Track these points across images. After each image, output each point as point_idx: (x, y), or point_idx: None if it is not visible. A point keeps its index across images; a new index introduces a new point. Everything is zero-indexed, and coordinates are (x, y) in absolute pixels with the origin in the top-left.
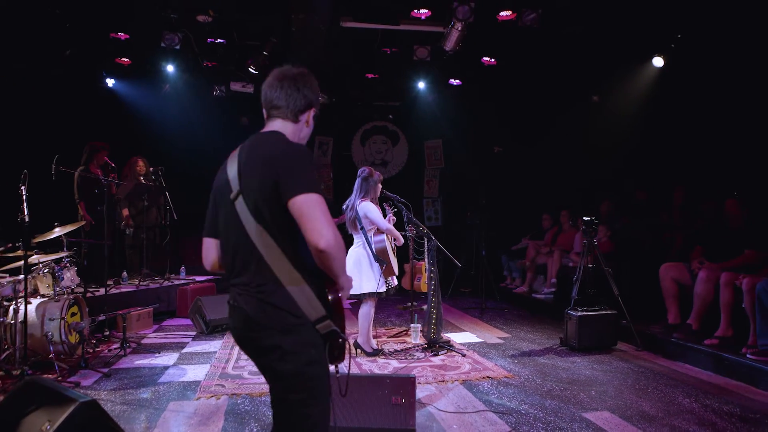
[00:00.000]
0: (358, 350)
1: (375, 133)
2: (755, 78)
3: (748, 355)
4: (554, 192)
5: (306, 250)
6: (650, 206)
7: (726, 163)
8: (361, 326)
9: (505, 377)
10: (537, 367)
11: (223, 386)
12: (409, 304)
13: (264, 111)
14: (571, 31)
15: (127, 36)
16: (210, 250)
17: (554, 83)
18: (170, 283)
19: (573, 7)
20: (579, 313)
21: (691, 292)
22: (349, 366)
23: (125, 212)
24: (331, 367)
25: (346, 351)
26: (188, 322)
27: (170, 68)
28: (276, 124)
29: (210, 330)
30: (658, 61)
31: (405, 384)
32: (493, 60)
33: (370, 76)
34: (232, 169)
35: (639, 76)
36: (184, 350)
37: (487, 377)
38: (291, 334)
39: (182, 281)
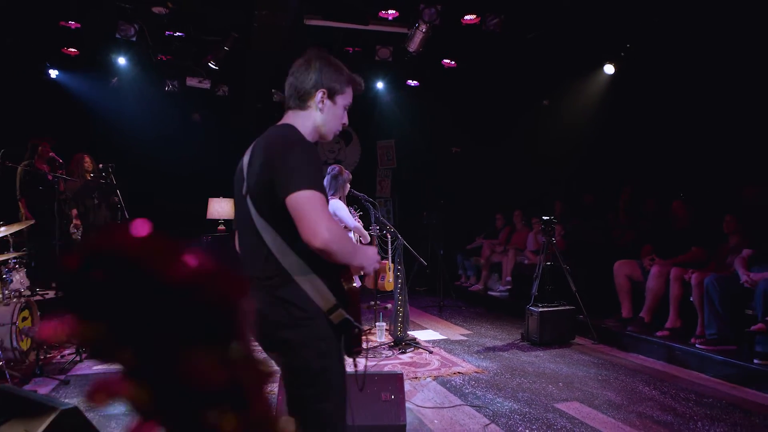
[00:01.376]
0: None
1: None
2: (699, 86)
3: (697, 345)
4: (507, 192)
5: None
6: (597, 207)
7: (672, 166)
8: None
9: (475, 372)
10: (503, 361)
11: None
12: (373, 303)
13: None
14: (531, 37)
15: (78, 25)
16: (237, 243)
17: (511, 87)
18: None
19: (533, 15)
20: (540, 309)
21: (642, 287)
22: (366, 358)
23: (74, 212)
24: (350, 363)
25: (363, 342)
26: None
27: (122, 60)
28: (287, 116)
29: None
30: (609, 69)
31: (393, 380)
32: (453, 62)
33: None
34: (244, 162)
35: (591, 82)
36: None
37: (458, 373)
38: (299, 328)
39: None
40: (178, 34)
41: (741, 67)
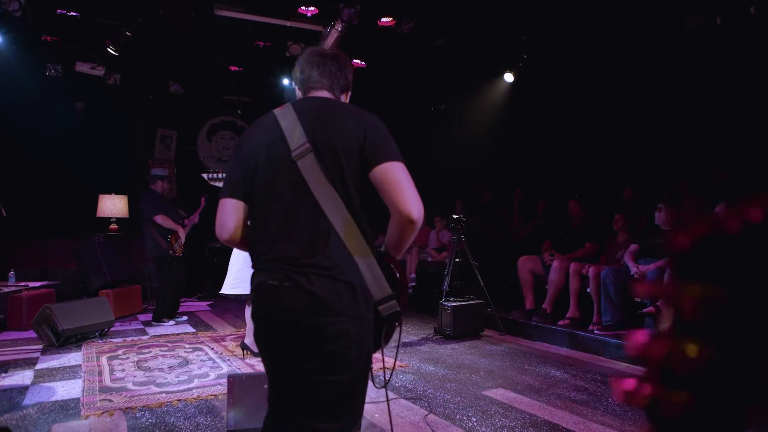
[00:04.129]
0: (246, 351)
1: (222, 129)
2: (587, 97)
3: (595, 331)
4: None
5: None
6: (494, 206)
7: (564, 168)
8: (249, 327)
9: (400, 367)
10: (423, 355)
11: (110, 401)
12: None
13: (299, 89)
14: (439, 44)
15: None
16: (231, 213)
17: (416, 90)
18: None
19: (444, 22)
20: (453, 304)
21: (543, 280)
22: (397, 352)
23: None
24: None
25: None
26: (26, 334)
27: None
28: (324, 94)
29: (62, 342)
30: (509, 77)
31: None
32: (363, 63)
33: (234, 68)
34: (290, 128)
35: (492, 88)
36: (39, 366)
37: (385, 368)
38: (358, 320)
39: (13, 288)
40: (72, 13)
41: (624, 80)
